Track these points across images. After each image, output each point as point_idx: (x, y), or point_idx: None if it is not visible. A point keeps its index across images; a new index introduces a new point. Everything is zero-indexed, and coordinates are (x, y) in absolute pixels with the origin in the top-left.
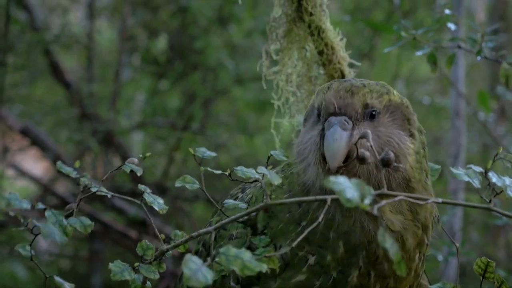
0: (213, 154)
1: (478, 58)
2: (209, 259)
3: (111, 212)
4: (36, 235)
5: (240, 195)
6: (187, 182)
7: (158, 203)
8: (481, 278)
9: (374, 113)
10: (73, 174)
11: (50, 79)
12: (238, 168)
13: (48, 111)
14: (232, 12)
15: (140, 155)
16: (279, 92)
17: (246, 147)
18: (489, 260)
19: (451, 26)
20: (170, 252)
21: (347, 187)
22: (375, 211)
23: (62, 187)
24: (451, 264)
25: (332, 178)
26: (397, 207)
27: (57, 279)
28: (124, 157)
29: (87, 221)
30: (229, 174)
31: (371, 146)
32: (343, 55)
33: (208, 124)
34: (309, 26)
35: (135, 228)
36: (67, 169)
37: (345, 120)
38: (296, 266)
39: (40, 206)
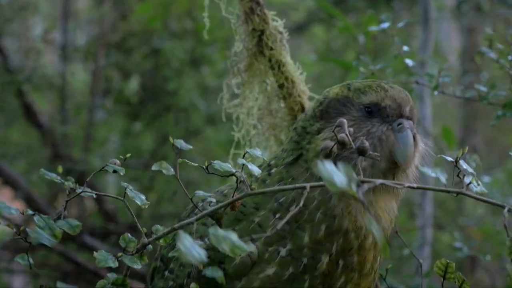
0: (190, 146)
1: (435, 92)
2: (200, 240)
3: (83, 251)
4: (30, 243)
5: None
6: (163, 168)
7: (140, 198)
8: (442, 279)
9: None
10: (57, 180)
11: (25, 121)
12: (216, 161)
13: (22, 152)
14: (204, 53)
15: (116, 159)
16: (239, 125)
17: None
18: (448, 261)
19: (409, 62)
20: (151, 246)
21: (334, 173)
22: (360, 196)
23: None
24: None
25: (320, 165)
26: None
27: (60, 285)
28: (97, 198)
29: (74, 222)
30: (207, 167)
31: (346, 135)
32: (303, 88)
33: (181, 165)
34: (270, 60)
35: (107, 267)
36: (51, 175)
37: (412, 125)
38: (266, 261)
39: (29, 212)
